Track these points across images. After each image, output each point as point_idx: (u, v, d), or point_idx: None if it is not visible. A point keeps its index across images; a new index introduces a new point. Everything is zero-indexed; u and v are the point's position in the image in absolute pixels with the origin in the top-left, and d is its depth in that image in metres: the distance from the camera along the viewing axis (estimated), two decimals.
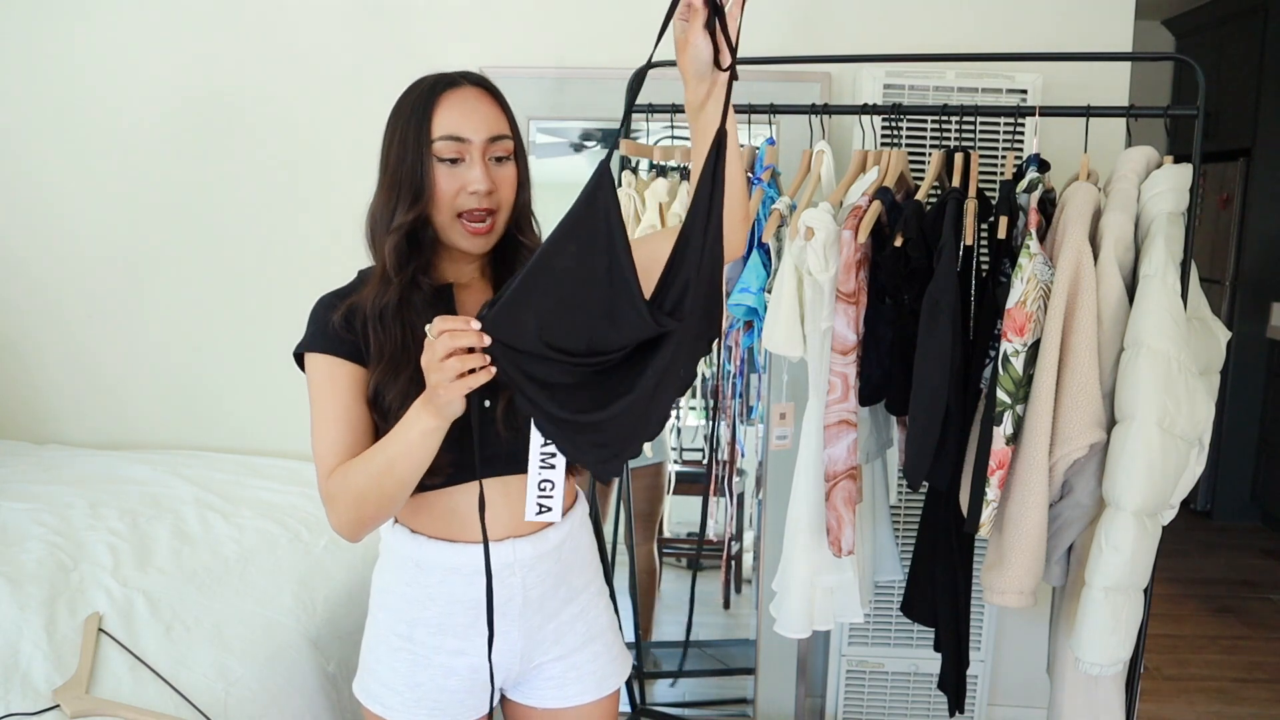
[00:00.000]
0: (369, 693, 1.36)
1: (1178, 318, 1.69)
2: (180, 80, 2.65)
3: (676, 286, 1.09)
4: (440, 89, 1.24)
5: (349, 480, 1.21)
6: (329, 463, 1.24)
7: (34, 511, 2.19)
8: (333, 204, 2.63)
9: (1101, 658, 1.75)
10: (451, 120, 1.22)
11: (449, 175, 1.23)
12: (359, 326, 1.26)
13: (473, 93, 1.25)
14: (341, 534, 1.25)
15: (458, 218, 1.24)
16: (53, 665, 1.56)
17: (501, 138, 1.25)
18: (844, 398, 1.86)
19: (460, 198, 1.23)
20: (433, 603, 1.31)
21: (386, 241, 1.24)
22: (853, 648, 2.46)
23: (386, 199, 1.24)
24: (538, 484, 1.16)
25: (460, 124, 1.22)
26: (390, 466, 1.17)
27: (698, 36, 1.09)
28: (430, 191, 1.22)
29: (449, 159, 1.22)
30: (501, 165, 1.26)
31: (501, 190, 1.26)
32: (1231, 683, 3.03)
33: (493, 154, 1.24)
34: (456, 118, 1.22)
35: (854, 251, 1.81)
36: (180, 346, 2.78)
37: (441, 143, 1.22)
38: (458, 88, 1.24)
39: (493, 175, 1.24)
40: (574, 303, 1.07)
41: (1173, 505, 1.79)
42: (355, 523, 1.23)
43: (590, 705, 1.40)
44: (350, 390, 1.26)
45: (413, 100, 1.24)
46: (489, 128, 1.24)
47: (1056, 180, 1.96)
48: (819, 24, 2.46)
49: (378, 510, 1.21)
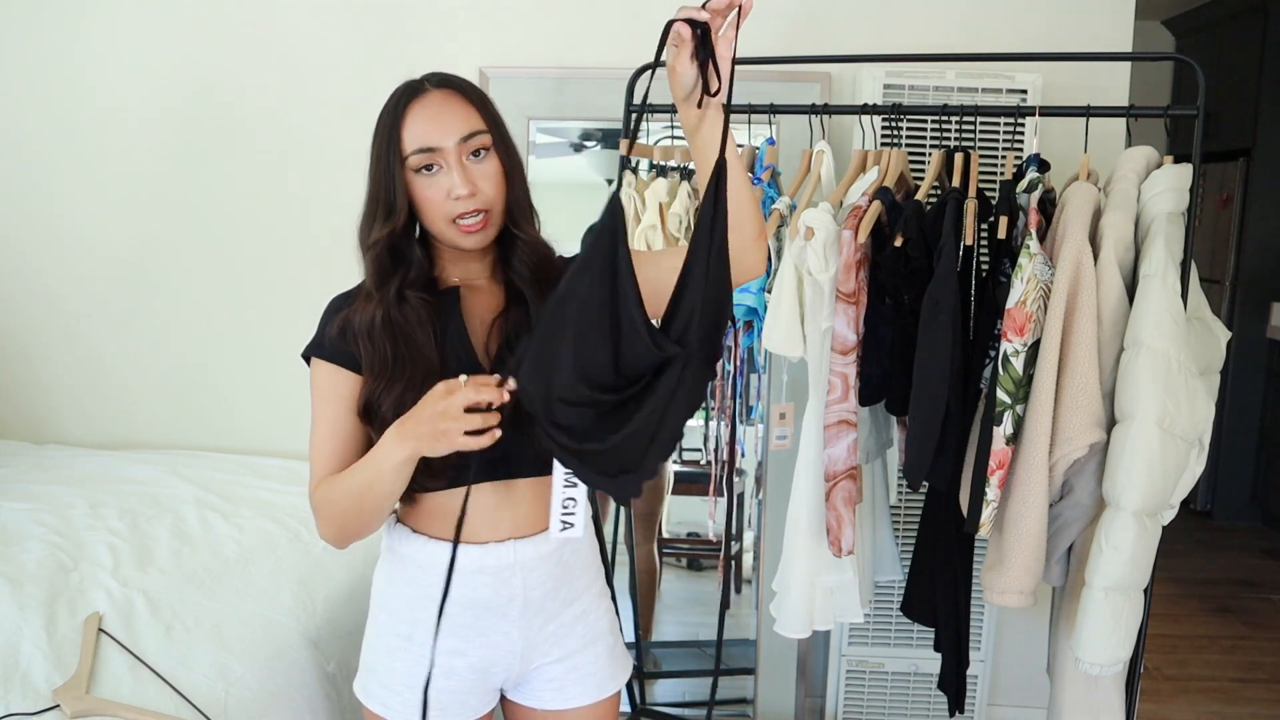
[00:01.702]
0: (369, 693, 1.36)
1: (1178, 318, 1.69)
2: (181, 80, 2.65)
3: (683, 314, 1.10)
4: (405, 101, 1.23)
5: (331, 497, 1.24)
6: (318, 473, 1.28)
7: (34, 511, 2.19)
8: (334, 203, 2.63)
9: (1101, 658, 1.75)
10: (420, 131, 1.21)
11: (430, 184, 1.22)
12: (350, 338, 1.26)
13: (438, 97, 1.24)
14: (329, 543, 1.30)
15: (452, 222, 1.24)
16: (53, 665, 1.56)
17: (475, 134, 1.23)
18: (844, 398, 1.86)
19: (447, 204, 1.23)
20: (433, 603, 1.30)
21: (366, 258, 1.26)
22: (853, 648, 2.46)
23: (368, 213, 1.26)
24: (561, 501, 1.16)
25: (428, 133, 1.21)
26: (368, 488, 1.20)
27: (684, 65, 1.07)
28: (403, 206, 1.23)
29: (424, 168, 1.22)
30: (481, 161, 1.24)
31: (485, 188, 1.24)
32: (1231, 683, 3.03)
33: (468, 152, 1.23)
34: (424, 127, 1.22)
35: (854, 251, 1.81)
36: (181, 346, 2.78)
37: (414, 156, 1.21)
38: (422, 95, 1.24)
39: (472, 175, 1.22)
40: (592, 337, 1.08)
41: (1173, 505, 1.79)
42: (339, 535, 1.28)
43: (591, 707, 1.40)
44: (346, 400, 1.27)
45: (384, 116, 1.24)
46: (459, 128, 1.22)
47: (1056, 180, 1.96)
48: (819, 24, 2.46)
49: (359, 526, 1.26)
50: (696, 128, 1.14)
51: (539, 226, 1.34)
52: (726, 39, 1.07)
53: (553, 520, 1.17)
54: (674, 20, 1.05)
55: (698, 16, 1.05)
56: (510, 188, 1.27)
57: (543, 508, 1.31)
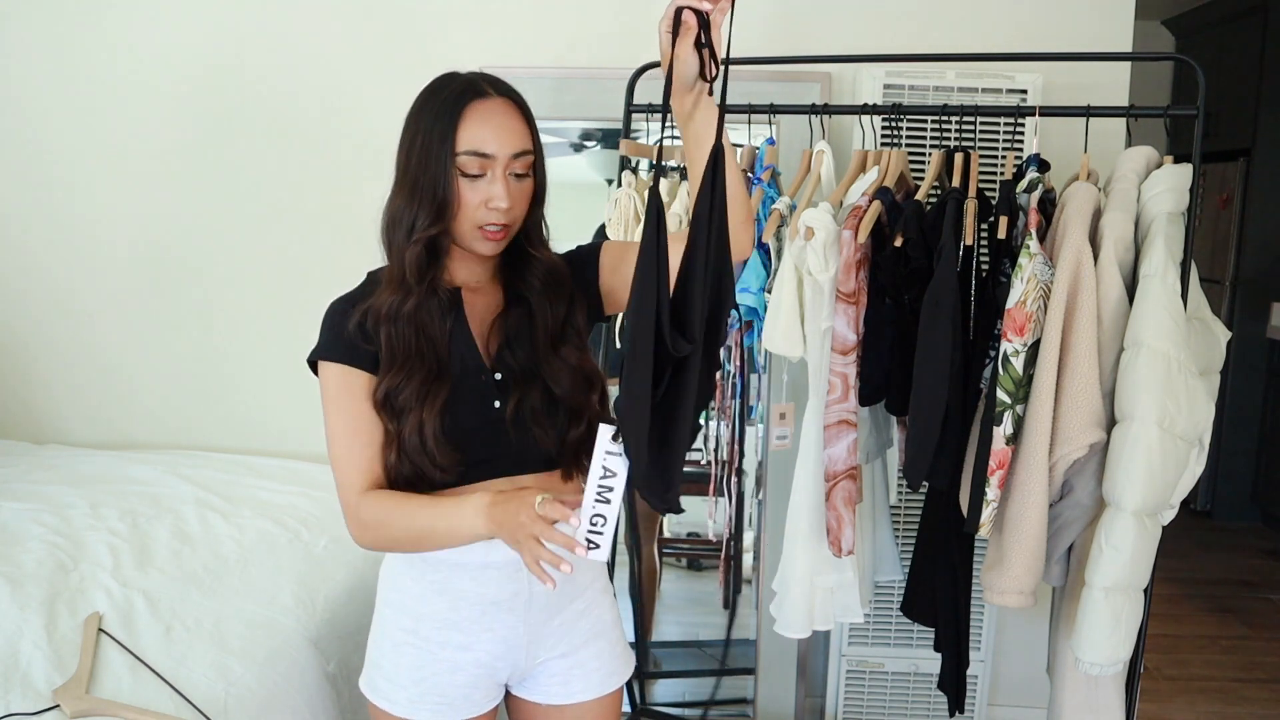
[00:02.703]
0: (375, 688, 1.36)
1: (1178, 318, 1.69)
2: (184, 84, 2.65)
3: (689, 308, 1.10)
4: (468, 98, 1.22)
5: (388, 520, 1.25)
6: (354, 479, 1.27)
7: (34, 511, 2.19)
8: (334, 204, 2.63)
9: (1101, 658, 1.75)
10: (478, 135, 1.21)
11: (471, 189, 1.22)
12: (371, 330, 1.26)
13: (500, 105, 1.24)
14: (360, 545, 1.31)
15: (478, 227, 1.24)
16: (53, 665, 1.56)
17: (524, 154, 1.24)
18: (844, 398, 1.86)
19: (481, 211, 1.23)
20: (440, 597, 1.32)
21: (407, 251, 1.24)
22: (853, 648, 2.46)
23: (407, 204, 1.24)
24: (590, 518, 1.12)
25: (487, 139, 1.21)
26: (430, 534, 1.24)
27: (688, 52, 1.11)
28: (454, 204, 1.22)
29: (472, 174, 1.22)
30: (520, 181, 1.25)
31: (518, 205, 1.25)
32: (1231, 683, 3.03)
33: (514, 170, 1.24)
34: (484, 132, 1.21)
35: (854, 251, 1.81)
36: (185, 346, 2.77)
37: (466, 157, 1.21)
38: (485, 99, 1.23)
39: (512, 190, 1.23)
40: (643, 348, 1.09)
41: (1173, 505, 1.79)
42: (379, 547, 1.31)
43: (593, 702, 1.41)
44: (363, 399, 1.27)
45: (437, 106, 1.22)
46: (514, 143, 1.23)
47: (1056, 180, 1.96)
48: (819, 24, 2.46)
49: (406, 551, 1.31)
50: (690, 116, 1.17)
51: (548, 237, 1.35)
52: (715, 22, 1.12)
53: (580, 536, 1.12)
54: (681, 6, 1.09)
55: (700, 6, 1.09)
56: (534, 207, 1.29)
57: None
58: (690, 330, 1.09)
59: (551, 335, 1.31)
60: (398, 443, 1.25)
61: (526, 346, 1.31)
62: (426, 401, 1.22)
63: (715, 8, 1.10)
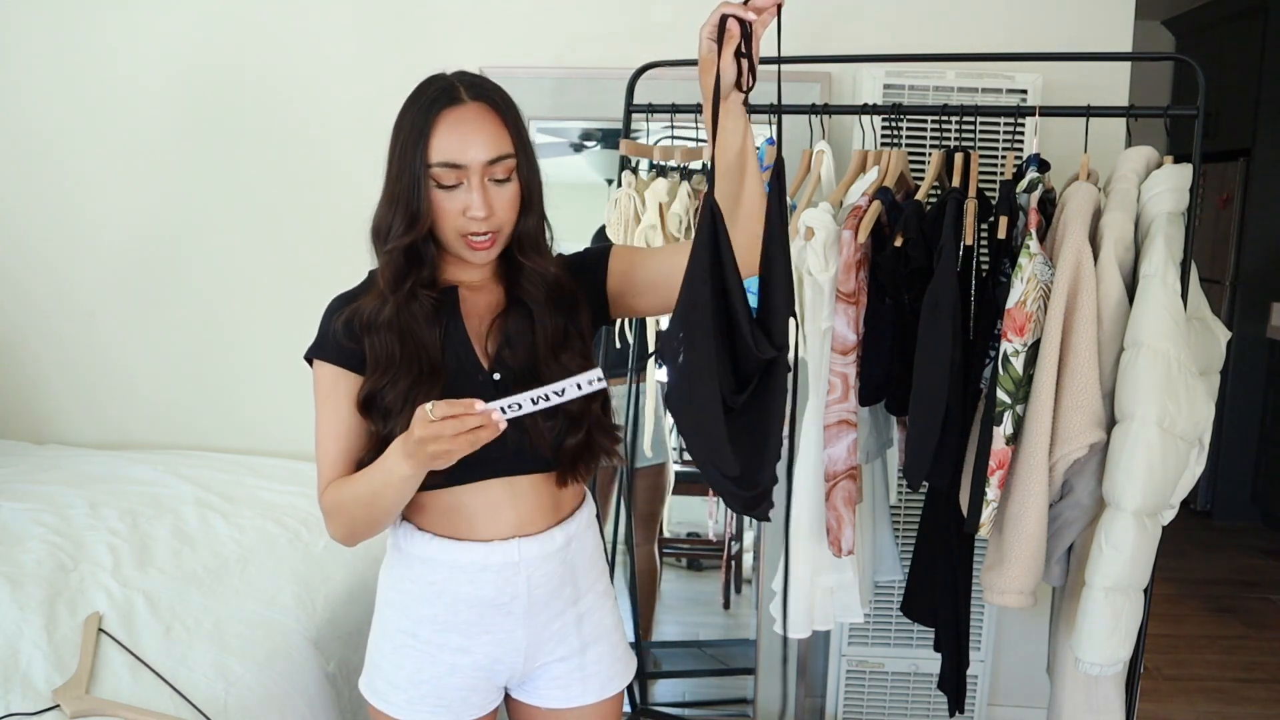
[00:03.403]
0: (374, 690, 1.36)
1: (1178, 318, 1.69)
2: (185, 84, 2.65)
3: (774, 314, 1.13)
4: (440, 106, 1.20)
5: (341, 501, 1.25)
6: (326, 475, 1.28)
7: (34, 511, 2.19)
8: (336, 205, 2.63)
9: (1101, 658, 1.75)
10: (449, 145, 1.19)
11: (449, 198, 1.21)
12: (359, 332, 1.26)
13: (474, 110, 1.21)
14: (338, 542, 1.31)
15: (462, 236, 1.23)
16: (53, 665, 1.56)
17: (503, 158, 1.21)
18: (844, 398, 1.86)
19: (461, 220, 1.22)
20: (438, 600, 1.31)
21: (382, 258, 1.25)
22: (853, 648, 2.46)
23: (386, 212, 1.24)
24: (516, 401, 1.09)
25: (458, 149, 1.19)
26: (375, 498, 1.22)
27: (729, 61, 1.13)
28: (427, 215, 1.21)
29: (448, 185, 1.20)
30: (501, 186, 1.23)
31: (500, 212, 1.23)
32: (1231, 683, 3.03)
33: (493, 175, 1.22)
34: (454, 142, 1.19)
35: (854, 251, 1.81)
36: (183, 346, 2.77)
37: (439, 169, 1.19)
38: (457, 107, 1.20)
39: (490, 198, 1.21)
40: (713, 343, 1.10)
41: (1173, 505, 1.79)
42: (348, 536, 1.29)
43: (594, 706, 1.40)
44: (350, 401, 1.27)
45: (413, 114, 1.21)
46: (489, 149, 1.20)
47: (1056, 180, 1.96)
48: (819, 24, 2.46)
49: (368, 529, 1.27)
50: (721, 125, 1.18)
51: (551, 241, 1.33)
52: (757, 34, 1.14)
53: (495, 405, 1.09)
54: (727, 14, 1.10)
55: (745, 15, 1.11)
56: (524, 213, 1.27)
57: (546, 505, 1.31)
58: (775, 337, 1.11)
59: (552, 341, 1.29)
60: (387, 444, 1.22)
61: (527, 348, 1.29)
62: (413, 402, 1.19)
63: (759, 19, 1.11)
